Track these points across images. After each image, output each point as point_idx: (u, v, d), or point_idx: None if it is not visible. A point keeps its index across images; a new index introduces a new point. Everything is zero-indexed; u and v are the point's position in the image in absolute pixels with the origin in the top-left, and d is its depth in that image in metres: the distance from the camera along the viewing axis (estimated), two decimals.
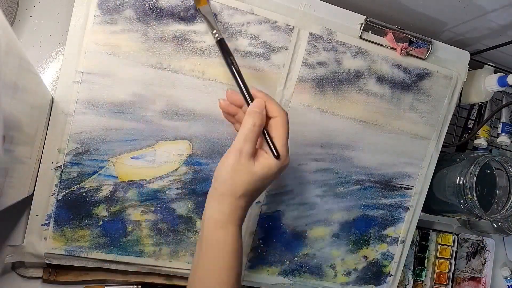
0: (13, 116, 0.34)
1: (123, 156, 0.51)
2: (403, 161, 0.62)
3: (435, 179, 0.65)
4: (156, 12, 0.50)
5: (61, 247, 0.51)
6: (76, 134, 0.49)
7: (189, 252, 0.56)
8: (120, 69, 0.50)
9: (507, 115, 0.73)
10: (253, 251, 0.58)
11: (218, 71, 0.52)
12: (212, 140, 0.54)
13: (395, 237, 0.64)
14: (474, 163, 0.60)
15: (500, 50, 0.65)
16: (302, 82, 0.56)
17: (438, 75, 0.61)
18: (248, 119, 0.40)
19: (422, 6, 0.59)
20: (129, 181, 0.52)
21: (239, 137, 0.40)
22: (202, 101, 0.53)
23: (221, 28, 0.52)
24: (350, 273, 0.63)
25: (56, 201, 0.50)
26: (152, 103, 0.51)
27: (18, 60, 0.34)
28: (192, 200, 0.54)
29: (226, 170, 0.40)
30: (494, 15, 0.58)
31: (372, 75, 0.59)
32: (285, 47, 0.54)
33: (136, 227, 0.53)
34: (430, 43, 0.60)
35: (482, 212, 0.59)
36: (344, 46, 0.57)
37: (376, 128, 0.60)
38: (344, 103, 0.58)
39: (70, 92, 0.49)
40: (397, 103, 0.60)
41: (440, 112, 0.63)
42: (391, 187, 0.63)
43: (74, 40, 0.48)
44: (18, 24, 0.52)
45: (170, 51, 0.51)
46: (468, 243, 0.78)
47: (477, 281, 0.79)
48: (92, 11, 0.48)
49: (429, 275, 0.74)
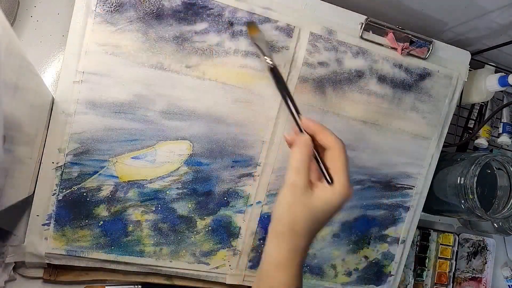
0: (13, 116, 0.34)
1: (123, 156, 0.51)
2: (404, 161, 0.62)
3: (435, 179, 0.65)
4: (157, 12, 0.50)
5: (61, 247, 0.51)
6: (77, 134, 0.49)
7: (189, 252, 0.56)
8: (121, 69, 0.49)
9: (508, 115, 0.73)
10: (254, 251, 0.58)
11: (219, 71, 0.52)
12: (212, 140, 0.54)
13: (395, 237, 0.64)
14: (474, 163, 0.60)
15: (501, 50, 0.65)
16: (303, 82, 0.56)
17: (438, 75, 0.61)
18: (296, 152, 0.39)
19: (422, 6, 0.59)
20: (129, 181, 0.52)
21: (290, 171, 0.39)
22: (203, 101, 0.53)
23: (222, 28, 0.52)
24: (350, 273, 0.63)
25: (56, 201, 0.50)
26: (152, 103, 0.51)
27: (18, 60, 0.34)
28: (192, 200, 0.54)
29: (283, 207, 0.38)
30: (494, 15, 0.58)
31: (373, 75, 0.59)
32: (286, 47, 0.54)
33: (136, 227, 0.53)
34: (430, 43, 0.59)
35: (483, 212, 0.59)
36: (345, 46, 0.57)
37: (377, 128, 0.60)
38: (345, 103, 0.58)
39: (71, 92, 0.49)
40: (398, 103, 0.60)
41: (441, 112, 0.63)
42: (391, 187, 0.63)
43: (75, 40, 0.48)
44: (19, 24, 0.52)
45: (171, 51, 0.51)
46: (469, 243, 0.78)
47: (477, 281, 0.79)
48: (93, 11, 0.48)
49: (429, 275, 0.74)
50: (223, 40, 0.52)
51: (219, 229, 0.56)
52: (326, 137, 0.40)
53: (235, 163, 0.55)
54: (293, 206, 0.38)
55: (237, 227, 0.57)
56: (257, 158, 0.56)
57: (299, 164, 0.38)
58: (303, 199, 0.38)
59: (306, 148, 0.39)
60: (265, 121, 0.55)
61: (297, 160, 0.39)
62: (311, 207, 0.38)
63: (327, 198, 0.38)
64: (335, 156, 0.39)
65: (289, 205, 0.38)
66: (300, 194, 0.38)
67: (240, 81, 0.53)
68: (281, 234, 0.38)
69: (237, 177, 0.56)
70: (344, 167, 0.39)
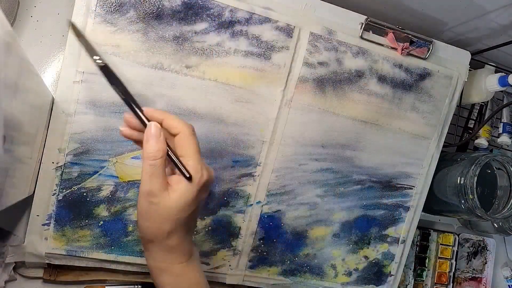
0: (13, 116, 0.33)
1: (123, 156, 0.51)
2: (404, 161, 0.62)
3: (435, 179, 0.65)
4: (157, 12, 0.50)
5: (61, 247, 0.51)
6: (77, 134, 0.49)
7: None
8: (121, 69, 0.49)
9: (508, 115, 0.73)
10: (254, 251, 0.58)
11: (219, 71, 0.52)
12: (212, 140, 0.54)
13: (395, 237, 0.64)
14: (475, 163, 0.60)
15: (500, 50, 0.65)
16: (303, 82, 0.56)
17: (439, 75, 0.61)
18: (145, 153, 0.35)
19: (422, 6, 0.59)
20: (129, 181, 0.52)
21: (144, 177, 0.35)
22: (203, 101, 0.53)
23: (222, 28, 0.52)
24: (350, 273, 0.63)
25: (56, 201, 0.50)
26: (152, 103, 0.51)
27: (18, 60, 0.34)
28: None
29: (143, 217, 0.36)
30: (494, 15, 0.58)
31: (373, 75, 0.59)
32: (286, 47, 0.54)
33: (136, 227, 0.53)
34: (430, 43, 0.59)
35: (483, 212, 0.59)
36: (345, 45, 0.57)
37: (377, 128, 0.60)
38: (345, 103, 0.58)
39: (71, 92, 0.49)
40: (398, 103, 0.60)
41: (441, 112, 0.63)
42: (391, 187, 0.63)
43: (75, 40, 0.48)
44: (19, 24, 0.52)
45: (171, 51, 0.51)
46: (469, 243, 0.78)
47: (478, 281, 0.79)
48: (93, 11, 0.48)
49: (429, 275, 0.74)
50: (223, 40, 0.52)
51: (219, 229, 0.56)
52: (171, 122, 0.37)
53: (235, 163, 0.55)
54: (151, 214, 0.35)
55: (237, 227, 0.57)
56: (257, 158, 0.56)
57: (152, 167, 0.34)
58: (161, 204, 0.35)
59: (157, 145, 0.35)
60: (265, 121, 0.55)
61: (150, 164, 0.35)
62: (170, 208, 0.35)
63: (184, 192, 0.35)
64: (185, 142, 0.36)
65: (148, 214, 0.35)
66: (158, 200, 0.35)
67: (240, 81, 0.53)
68: (151, 244, 0.37)
69: (237, 177, 0.56)
70: (196, 152, 0.36)
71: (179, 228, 0.37)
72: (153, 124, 0.36)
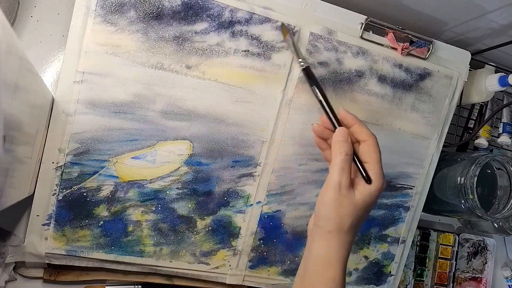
0: (13, 116, 0.33)
1: (123, 156, 0.51)
2: (404, 161, 0.62)
3: (436, 179, 0.65)
4: (157, 12, 0.50)
5: (61, 247, 0.51)
6: (77, 134, 0.49)
7: (189, 252, 0.56)
8: (121, 69, 0.49)
9: (508, 115, 0.73)
10: (254, 251, 0.58)
11: (219, 71, 0.52)
12: (212, 140, 0.54)
13: (395, 237, 0.64)
14: (475, 163, 0.60)
15: (501, 50, 0.65)
16: (303, 82, 0.56)
17: (439, 75, 0.61)
18: (338, 149, 0.40)
19: (423, 6, 0.59)
20: (129, 181, 0.52)
21: (335, 169, 0.39)
22: (203, 101, 0.53)
23: (222, 28, 0.52)
24: (350, 273, 0.63)
25: (56, 201, 0.50)
26: (152, 103, 0.51)
27: (18, 60, 0.34)
28: (192, 200, 0.54)
29: (330, 207, 0.39)
30: (494, 15, 0.58)
31: (373, 75, 0.59)
32: (286, 47, 0.54)
33: (136, 227, 0.53)
34: (431, 43, 0.59)
35: (483, 212, 0.59)
36: (345, 46, 0.57)
37: (377, 128, 0.60)
38: (345, 103, 0.58)
39: (71, 92, 0.49)
40: (398, 103, 0.60)
41: (441, 112, 0.63)
42: (391, 187, 0.63)
43: (75, 40, 0.48)
44: (19, 24, 0.52)
45: (171, 51, 0.51)
46: (469, 243, 0.78)
47: (478, 281, 0.79)
48: (93, 11, 0.48)
49: (430, 275, 0.74)
50: (223, 40, 0.52)
51: (219, 229, 0.56)
52: (360, 129, 0.41)
53: (235, 163, 0.55)
54: (339, 205, 0.39)
55: (237, 227, 0.57)
56: (257, 158, 0.56)
57: (343, 163, 0.39)
58: (349, 197, 0.39)
59: (347, 145, 0.40)
60: (265, 121, 0.55)
61: (342, 159, 0.39)
62: (356, 205, 0.39)
63: (368, 194, 0.40)
64: (371, 150, 0.40)
65: (335, 204, 0.39)
66: (346, 192, 0.39)
67: (240, 81, 0.53)
68: (329, 233, 0.39)
69: (237, 177, 0.56)
70: (379, 161, 0.40)
71: (357, 225, 0.40)
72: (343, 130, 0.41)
